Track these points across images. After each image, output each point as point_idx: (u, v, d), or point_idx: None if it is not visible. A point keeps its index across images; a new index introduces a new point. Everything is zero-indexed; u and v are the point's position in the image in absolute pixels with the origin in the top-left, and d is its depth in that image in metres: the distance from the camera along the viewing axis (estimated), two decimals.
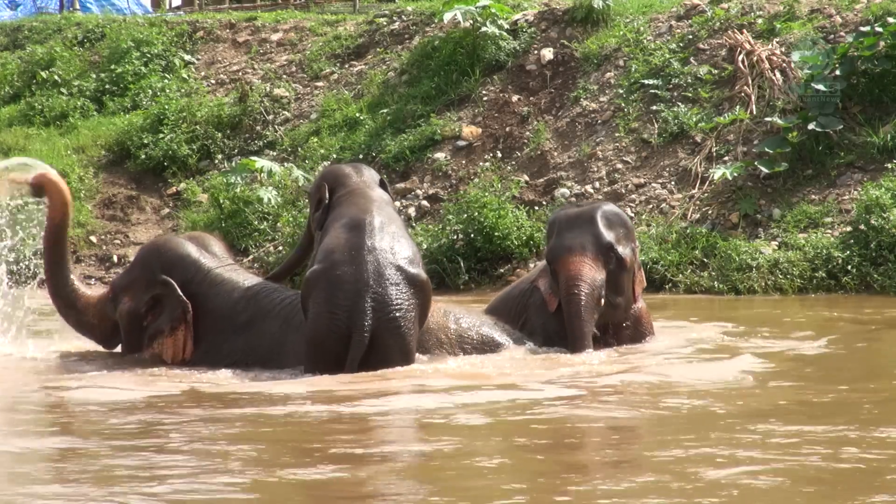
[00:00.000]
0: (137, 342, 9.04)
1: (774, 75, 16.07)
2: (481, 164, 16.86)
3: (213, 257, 9.21)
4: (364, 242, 8.38)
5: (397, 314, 8.20)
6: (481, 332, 8.80)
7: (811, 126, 15.12)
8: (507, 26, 18.59)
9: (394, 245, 8.43)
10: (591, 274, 8.69)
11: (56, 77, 21.35)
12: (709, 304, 13.33)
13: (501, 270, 15.29)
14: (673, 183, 15.75)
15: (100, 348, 9.44)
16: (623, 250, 8.85)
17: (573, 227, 8.91)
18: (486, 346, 8.74)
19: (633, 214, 15.48)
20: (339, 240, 8.55)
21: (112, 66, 21.22)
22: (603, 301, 8.77)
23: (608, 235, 8.83)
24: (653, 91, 16.81)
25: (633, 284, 8.98)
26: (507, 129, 17.37)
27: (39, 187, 9.34)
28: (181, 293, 8.84)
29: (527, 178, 16.58)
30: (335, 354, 8.19)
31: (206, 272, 9.03)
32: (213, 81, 20.90)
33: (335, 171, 9.53)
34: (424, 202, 16.79)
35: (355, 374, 8.10)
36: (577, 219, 8.98)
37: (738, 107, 16.03)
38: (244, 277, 9.18)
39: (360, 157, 17.71)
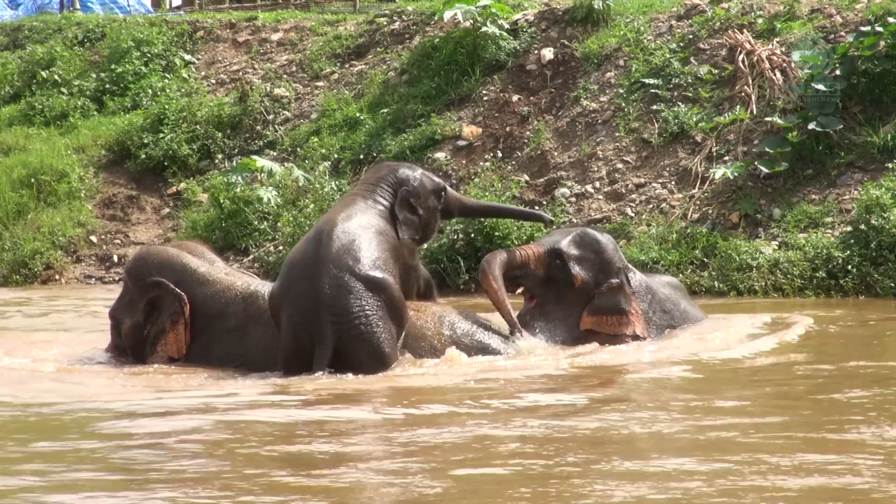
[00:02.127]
0: (142, 353, 9.05)
1: (775, 75, 16.07)
2: (481, 163, 16.86)
3: (201, 259, 9.23)
4: (319, 253, 8.44)
5: (358, 321, 8.25)
6: (475, 338, 8.79)
7: (811, 126, 15.11)
8: (507, 26, 18.59)
9: (352, 250, 8.43)
10: (520, 256, 9.16)
11: (56, 77, 21.36)
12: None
13: None
14: (673, 183, 15.74)
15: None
16: (577, 268, 9.07)
17: (555, 233, 9.47)
18: (480, 352, 8.73)
19: (633, 214, 15.49)
20: (298, 253, 8.72)
21: (112, 66, 21.24)
22: (521, 289, 9.23)
23: (566, 245, 9.16)
24: (653, 91, 16.81)
25: (582, 310, 9.07)
26: (508, 128, 17.37)
27: None
28: (175, 288, 8.87)
29: (527, 177, 16.58)
30: (306, 368, 8.32)
31: (192, 272, 9.06)
32: (213, 81, 20.91)
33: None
34: None
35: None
36: (565, 229, 9.58)
37: (738, 106, 16.03)
38: (236, 279, 9.18)
39: (361, 157, 17.73)
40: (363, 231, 8.59)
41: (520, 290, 9.34)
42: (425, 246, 14.93)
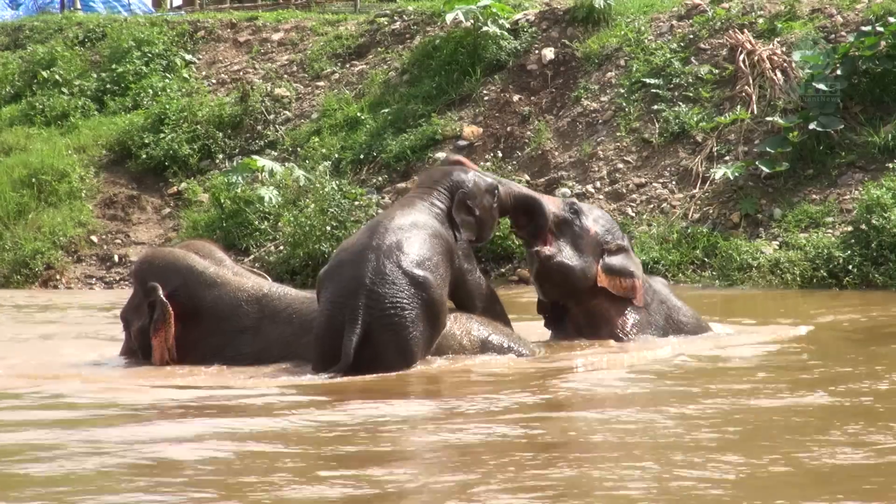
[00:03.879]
0: (150, 355, 9.06)
1: (775, 75, 16.07)
2: (482, 163, 16.84)
3: (208, 260, 9.19)
4: (371, 242, 8.48)
5: (392, 311, 8.26)
6: (490, 341, 8.77)
7: (812, 126, 15.12)
8: (508, 26, 18.60)
9: (403, 245, 8.45)
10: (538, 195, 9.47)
11: (57, 76, 21.36)
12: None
13: (503, 270, 15.32)
14: (674, 182, 15.75)
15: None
16: (589, 221, 9.27)
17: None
18: (495, 354, 8.74)
19: (633, 214, 15.50)
20: (353, 239, 8.82)
21: (113, 66, 21.24)
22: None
23: (578, 205, 9.40)
24: (654, 91, 16.81)
25: (596, 262, 9.17)
26: (508, 128, 17.37)
27: None
28: (163, 296, 8.83)
29: (528, 177, 16.57)
30: (335, 349, 8.29)
31: (198, 274, 9.02)
32: (214, 81, 20.91)
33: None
34: None
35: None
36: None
37: (738, 106, 16.04)
38: (246, 279, 9.16)
39: (361, 157, 17.74)
40: (419, 230, 8.62)
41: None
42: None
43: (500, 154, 17.07)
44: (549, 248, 9.18)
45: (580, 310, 9.28)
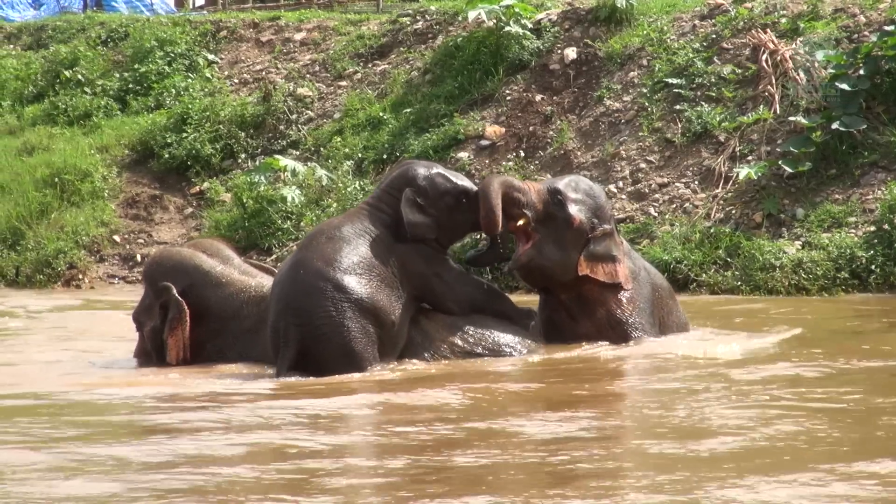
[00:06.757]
0: (163, 356, 9.09)
1: (798, 75, 16.03)
2: (504, 163, 16.87)
3: (217, 260, 9.21)
4: (300, 259, 8.53)
5: (319, 322, 8.27)
6: (489, 344, 8.75)
7: (835, 125, 15.07)
8: (530, 26, 18.58)
9: (327, 255, 8.42)
10: (519, 184, 9.16)
11: (80, 76, 21.44)
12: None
13: None
14: (696, 182, 15.73)
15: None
16: (574, 208, 9.08)
17: (545, 181, 9.63)
18: (495, 357, 8.72)
19: (656, 214, 15.48)
20: (288, 259, 8.95)
21: (136, 66, 21.30)
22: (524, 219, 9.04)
23: (563, 186, 9.21)
24: (676, 90, 16.78)
25: (578, 254, 9.03)
26: (531, 128, 17.37)
27: None
28: (177, 295, 8.86)
29: (550, 177, 16.57)
30: None
31: (206, 274, 9.04)
32: (236, 81, 20.95)
33: None
34: None
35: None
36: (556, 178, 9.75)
37: (761, 106, 16.01)
38: (251, 279, 9.16)
39: (384, 156, 17.76)
40: (350, 236, 8.53)
41: (520, 222, 9.11)
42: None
43: (522, 154, 17.07)
44: (526, 252, 9.05)
45: (570, 296, 9.19)
